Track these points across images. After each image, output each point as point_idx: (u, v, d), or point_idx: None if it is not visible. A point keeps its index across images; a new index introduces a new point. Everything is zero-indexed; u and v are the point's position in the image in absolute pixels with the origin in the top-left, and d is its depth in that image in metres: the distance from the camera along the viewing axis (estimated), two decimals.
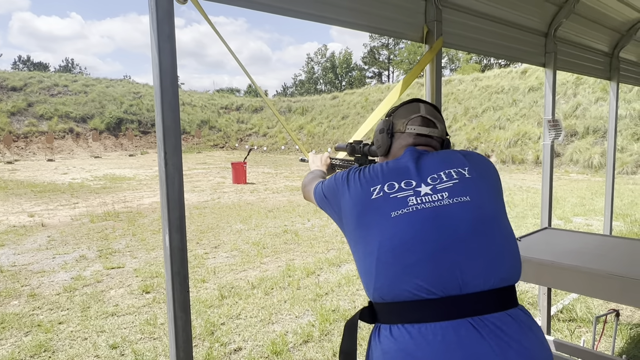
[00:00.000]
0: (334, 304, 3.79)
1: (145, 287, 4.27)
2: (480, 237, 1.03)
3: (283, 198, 10.06)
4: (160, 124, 1.39)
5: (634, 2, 3.59)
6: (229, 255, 5.44)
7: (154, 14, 1.35)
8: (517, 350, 0.94)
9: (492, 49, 2.87)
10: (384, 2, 2.15)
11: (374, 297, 1.07)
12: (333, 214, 1.27)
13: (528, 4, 2.96)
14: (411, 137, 1.26)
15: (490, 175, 1.17)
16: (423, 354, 0.94)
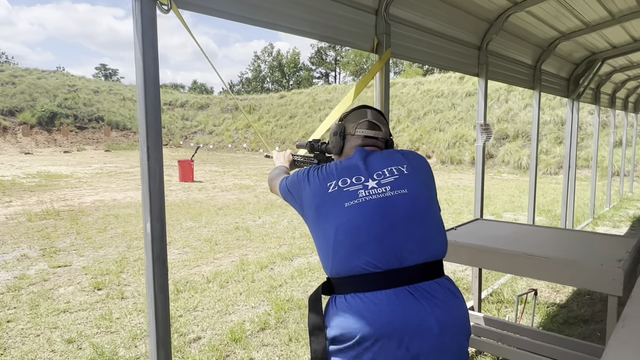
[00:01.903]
0: (288, 295, 4.00)
1: (96, 284, 4.23)
2: (414, 222, 1.28)
3: (232, 196, 10.09)
4: (144, 122, 1.53)
5: (553, 22, 4.10)
6: (181, 252, 5.47)
7: (139, 21, 1.49)
8: (443, 309, 1.20)
9: (434, 60, 3.20)
10: (339, 16, 2.39)
11: (331, 273, 1.29)
12: (295, 205, 1.48)
13: (464, 20, 3.33)
14: (360, 138, 1.49)
15: (423, 172, 1.42)
16: (371, 314, 1.18)
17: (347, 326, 1.20)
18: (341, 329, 1.21)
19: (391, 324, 1.16)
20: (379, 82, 2.62)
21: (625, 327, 1.33)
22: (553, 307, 3.69)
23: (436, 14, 3.03)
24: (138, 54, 1.51)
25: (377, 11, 2.59)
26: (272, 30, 2.07)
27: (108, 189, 10.96)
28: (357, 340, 1.17)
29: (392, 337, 1.15)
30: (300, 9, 2.17)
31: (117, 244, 5.79)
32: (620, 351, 1.18)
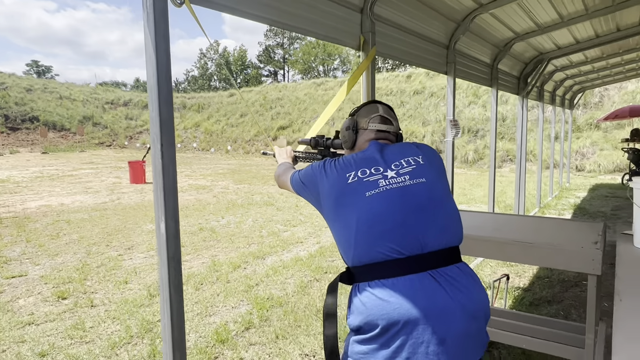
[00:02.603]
0: (266, 293, 3.98)
1: (60, 294, 3.99)
2: (434, 209, 1.34)
3: (190, 197, 9.82)
4: (157, 119, 1.49)
5: (510, 24, 4.36)
6: (147, 255, 5.27)
7: (151, 14, 1.45)
8: (464, 293, 1.25)
9: (410, 58, 3.31)
10: (328, 13, 2.42)
11: (353, 262, 1.31)
12: (310, 197, 1.49)
13: (436, 20, 3.47)
14: (373, 132, 1.54)
15: (436, 162, 1.48)
16: (396, 300, 1.20)
17: (371, 313, 1.21)
18: (366, 316, 1.22)
19: (414, 308, 1.18)
20: (365, 79, 2.68)
21: (622, 300, 1.48)
22: (518, 290, 3.94)
23: (413, 14, 3.14)
24: (150, 47, 1.46)
25: (362, 10, 2.64)
26: (270, 25, 2.06)
27: (52, 193, 10.29)
28: (383, 327, 1.19)
29: (417, 322, 1.17)
30: (290, 3, 2.18)
31: (74, 250, 5.47)
32: (628, 320, 1.31)
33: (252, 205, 8.70)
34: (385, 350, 1.20)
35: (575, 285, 4.13)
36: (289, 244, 5.70)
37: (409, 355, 1.18)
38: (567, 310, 3.56)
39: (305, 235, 6.18)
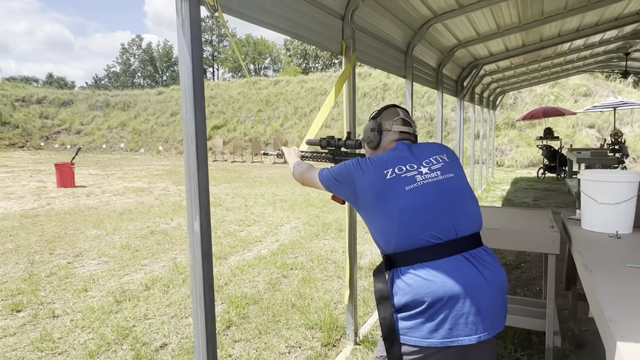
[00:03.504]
0: (238, 292, 4.02)
1: (13, 307, 3.72)
2: (463, 200, 1.55)
3: (130, 200, 9.39)
4: (192, 121, 1.54)
5: (456, 32, 4.76)
6: (100, 261, 5.03)
7: (187, 20, 1.50)
8: (492, 271, 1.47)
9: (379, 63, 3.54)
10: (313, 18, 2.56)
11: (395, 249, 1.47)
12: (345, 192, 1.63)
13: (398, 27, 3.74)
14: (397, 134, 1.71)
15: (457, 160, 1.70)
16: (439, 279, 1.40)
17: (417, 292, 1.38)
18: (412, 295, 1.39)
19: (456, 285, 1.37)
20: (346, 83, 2.85)
21: (593, 271, 1.79)
22: None
23: (382, 22, 3.37)
24: (185, 52, 1.51)
25: (344, 17, 2.81)
26: (273, 31, 2.16)
27: None
28: (429, 303, 1.36)
29: (458, 297, 1.36)
30: (285, 8, 2.28)
31: (14, 260, 5.07)
32: (607, 286, 1.60)
33: None
34: (430, 323, 1.37)
35: (516, 268, 4.64)
36: (248, 244, 5.73)
37: (451, 326, 1.36)
38: (513, 290, 4.01)
39: (262, 234, 6.24)
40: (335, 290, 4.07)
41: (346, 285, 3.01)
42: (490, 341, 1.43)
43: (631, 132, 15.90)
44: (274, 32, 2.17)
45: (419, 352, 1.38)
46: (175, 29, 1.52)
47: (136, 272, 4.64)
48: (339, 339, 3.13)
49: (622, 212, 2.37)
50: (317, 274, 4.52)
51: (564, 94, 18.74)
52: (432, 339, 1.36)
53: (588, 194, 2.48)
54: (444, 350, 1.37)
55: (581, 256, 2.03)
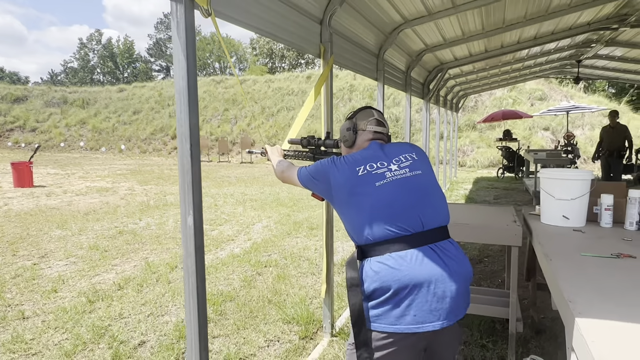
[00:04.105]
0: (214, 289, 4.05)
1: None
2: (430, 195, 1.68)
3: (93, 200, 9.13)
4: (187, 121, 1.61)
5: (424, 37, 4.97)
6: (68, 262, 4.92)
7: (182, 23, 1.57)
8: (456, 261, 1.59)
9: (354, 66, 3.67)
10: (293, 21, 2.65)
11: (366, 241, 1.58)
12: (320, 188, 1.73)
13: (371, 32, 3.88)
14: (371, 133, 1.83)
15: (426, 158, 1.84)
16: (405, 268, 1.51)
17: (384, 280, 1.48)
18: (380, 282, 1.49)
19: (421, 274, 1.48)
20: (324, 85, 2.96)
21: (553, 260, 1.98)
22: None
23: (356, 27, 3.50)
24: (180, 55, 1.58)
25: (322, 22, 2.92)
26: (257, 34, 2.23)
27: None
28: (394, 290, 1.47)
29: (422, 285, 1.47)
30: (267, 12, 2.37)
31: None
32: (565, 271, 1.79)
33: (168, 206, 8.43)
34: (396, 310, 1.48)
35: (479, 262, 4.90)
36: (221, 242, 5.74)
37: (416, 312, 1.48)
38: (477, 282, 4.25)
39: (234, 233, 6.26)
40: (310, 286, 4.18)
41: (323, 280, 3.12)
42: (453, 327, 1.55)
43: (582, 134, 16.87)
44: (247, 32, 2.18)
45: (388, 337, 1.48)
46: (173, 32, 1.58)
47: (107, 273, 4.57)
48: (316, 332, 3.24)
49: (576, 207, 2.61)
50: (291, 270, 4.60)
51: (521, 97, 19.64)
52: (399, 325, 1.46)
53: (547, 190, 2.70)
54: (410, 336, 1.47)
55: (542, 247, 2.23)
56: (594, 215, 2.69)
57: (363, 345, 1.51)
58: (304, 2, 2.68)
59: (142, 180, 12.56)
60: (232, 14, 1.93)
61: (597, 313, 1.38)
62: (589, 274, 1.77)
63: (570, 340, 1.41)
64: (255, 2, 2.19)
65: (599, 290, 1.59)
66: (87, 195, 9.80)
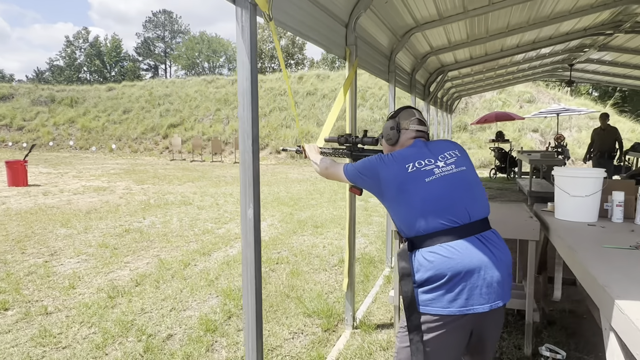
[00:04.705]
0: (230, 285, 4.13)
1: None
2: (474, 189, 1.82)
3: (92, 199, 9.10)
4: (249, 118, 1.71)
5: (430, 40, 5.12)
6: (79, 259, 4.94)
7: (246, 27, 1.67)
8: (501, 251, 1.74)
9: (370, 68, 3.79)
10: (324, 23, 2.77)
11: (417, 233, 1.71)
12: (369, 184, 1.85)
13: (385, 35, 4.01)
14: (413, 132, 1.95)
15: (467, 154, 1.97)
16: (457, 256, 1.64)
17: (439, 268, 1.61)
18: (434, 270, 1.62)
19: (472, 262, 1.62)
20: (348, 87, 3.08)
21: (578, 251, 2.12)
22: None
23: (374, 30, 3.63)
24: (245, 58, 1.68)
25: (347, 25, 3.04)
26: (290, 32, 2.33)
27: None
28: (448, 277, 1.60)
29: (473, 271, 1.61)
30: (299, 12, 2.47)
31: None
32: (594, 262, 1.93)
33: (169, 205, 8.45)
34: (449, 294, 1.62)
35: None
36: (229, 240, 5.82)
37: (467, 296, 1.62)
38: None
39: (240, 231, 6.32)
40: (324, 281, 4.29)
41: (345, 274, 3.23)
42: (500, 309, 1.70)
43: (570, 136, 17.29)
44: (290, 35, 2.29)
45: (439, 320, 1.62)
46: (236, 35, 1.68)
47: (121, 270, 4.62)
48: (337, 325, 3.35)
49: (590, 203, 2.77)
50: (303, 267, 4.71)
51: (510, 99, 20.02)
52: (451, 308, 1.59)
53: (562, 188, 2.86)
54: (461, 317, 1.61)
55: (563, 240, 2.38)
56: (604, 211, 2.85)
57: (415, 328, 1.63)
58: (333, 6, 2.79)
59: (138, 179, 12.52)
60: (280, 18, 2.03)
61: (635, 295, 1.52)
62: (615, 263, 1.91)
63: (609, 321, 1.54)
64: (293, 4, 2.30)
65: (628, 276, 1.73)
66: (84, 194, 9.75)
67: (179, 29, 55.29)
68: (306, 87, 24.67)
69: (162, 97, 26.84)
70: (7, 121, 26.85)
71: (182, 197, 9.44)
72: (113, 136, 24.31)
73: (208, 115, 24.30)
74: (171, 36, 53.53)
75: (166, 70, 55.00)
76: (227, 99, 25.18)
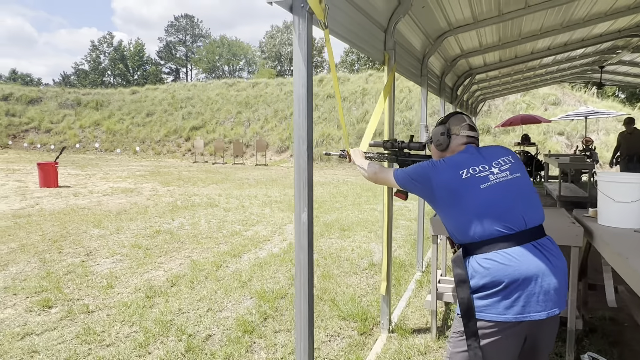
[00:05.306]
0: (264, 287, 4.17)
1: (42, 303, 3.75)
2: (529, 196, 1.81)
3: (122, 200, 9.30)
4: (305, 124, 1.74)
5: (462, 43, 5.09)
6: (114, 260, 5.06)
7: (303, 35, 1.71)
8: (556, 258, 1.72)
9: (404, 72, 3.79)
10: (365, 28, 2.78)
11: (472, 239, 1.71)
12: (421, 189, 1.86)
13: (418, 37, 4.01)
14: (464, 137, 1.95)
15: (520, 161, 1.96)
16: (515, 263, 1.64)
17: (496, 275, 1.62)
18: (491, 277, 1.62)
19: (529, 269, 1.61)
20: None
21: (629, 258, 2.09)
22: None
23: (409, 33, 3.63)
24: (301, 65, 1.71)
25: (386, 30, 3.05)
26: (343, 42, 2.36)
27: None
28: (505, 284, 1.59)
29: (530, 279, 1.60)
30: (345, 17, 2.50)
31: (25, 259, 5.03)
32: None
33: (195, 207, 8.58)
34: (506, 301, 1.62)
35: None
36: (258, 242, 5.88)
37: (524, 303, 1.61)
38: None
39: (268, 233, 6.39)
40: (356, 285, 4.30)
41: (383, 278, 3.24)
42: (555, 317, 1.68)
43: (597, 139, 16.89)
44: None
45: (495, 326, 1.62)
46: (293, 43, 1.71)
47: (155, 270, 4.71)
48: (372, 328, 3.35)
49: (636, 210, 2.71)
50: (333, 270, 4.73)
51: (534, 102, 19.69)
52: (507, 315, 1.59)
53: (606, 193, 2.81)
54: (517, 324, 1.60)
55: (610, 246, 2.34)
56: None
57: (473, 334, 1.64)
58: (374, 11, 2.82)
59: (163, 181, 12.74)
60: (331, 26, 2.06)
61: None
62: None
63: None
64: (341, 10, 2.33)
65: None
66: (113, 195, 9.98)
67: (200, 33, 56.13)
68: (326, 89, 24.71)
69: (184, 100, 27.27)
70: (35, 124, 27.64)
71: (207, 198, 9.57)
72: (137, 138, 24.79)
73: (229, 118, 24.58)
74: (192, 40, 54.35)
75: (187, 73, 55.89)
76: (248, 102, 25.43)
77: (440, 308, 3.60)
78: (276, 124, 23.04)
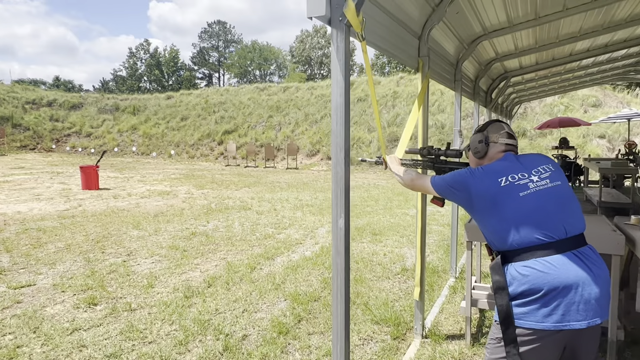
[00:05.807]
0: (297, 290, 4.25)
1: (88, 300, 3.95)
2: (570, 204, 1.79)
3: (158, 202, 9.62)
4: (342, 132, 1.79)
5: (496, 46, 5.02)
6: (154, 260, 5.27)
7: (341, 47, 1.76)
8: (598, 267, 1.69)
9: (438, 77, 3.79)
10: (399, 36, 2.81)
11: (511, 247, 1.71)
12: (459, 196, 1.87)
13: (452, 42, 4.00)
14: (503, 145, 1.95)
15: (560, 169, 1.95)
16: (554, 272, 1.63)
17: (535, 282, 1.61)
18: (529, 285, 1.62)
19: (569, 278, 1.60)
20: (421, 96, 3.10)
21: None
22: None
23: (443, 39, 3.63)
24: (339, 75, 1.77)
25: (420, 37, 3.08)
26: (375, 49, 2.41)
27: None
28: (545, 291, 1.59)
29: (570, 287, 1.59)
30: (380, 27, 2.54)
31: (71, 258, 5.30)
32: None
33: (229, 209, 8.78)
34: (545, 309, 1.61)
35: None
36: (291, 245, 5.97)
37: (564, 312, 1.60)
38: None
39: (300, 236, 6.47)
40: (388, 289, 4.31)
41: (416, 283, 3.25)
42: (597, 327, 1.66)
43: None
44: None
45: (533, 334, 1.61)
46: (331, 55, 1.77)
47: (192, 271, 4.87)
48: (405, 333, 3.36)
49: None
50: (366, 274, 4.75)
51: (573, 104, 19.05)
52: (546, 323, 1.58)
53: None
54: (556, 333, 1.59)
55: None
56: None
57: (512, 341, 1.64)
58: (408, 19, 2.84)
59: (198, 184, 13.07)
60: (368, 37, 2.11)
61: None
62: None
63: None
64: (376, 21, 2.38)
65: None
66: (150, 198, 10.33)
67: (232, 39, 57.27)
68: (356, 93, 24.71)
69: (217, 105, 27.89)
70: (77, 128, 28.93)
71: (240, 201, 9.77)
72: (172, 142, 25.53)
73: (261, 122, 24.96)
74: (225, 45, 55.52)
75: (219, 78, 57.10)
76: (279, 106, 25.74)
77: (474, 315, 3.57)
78: (307, 128, 23.23)
